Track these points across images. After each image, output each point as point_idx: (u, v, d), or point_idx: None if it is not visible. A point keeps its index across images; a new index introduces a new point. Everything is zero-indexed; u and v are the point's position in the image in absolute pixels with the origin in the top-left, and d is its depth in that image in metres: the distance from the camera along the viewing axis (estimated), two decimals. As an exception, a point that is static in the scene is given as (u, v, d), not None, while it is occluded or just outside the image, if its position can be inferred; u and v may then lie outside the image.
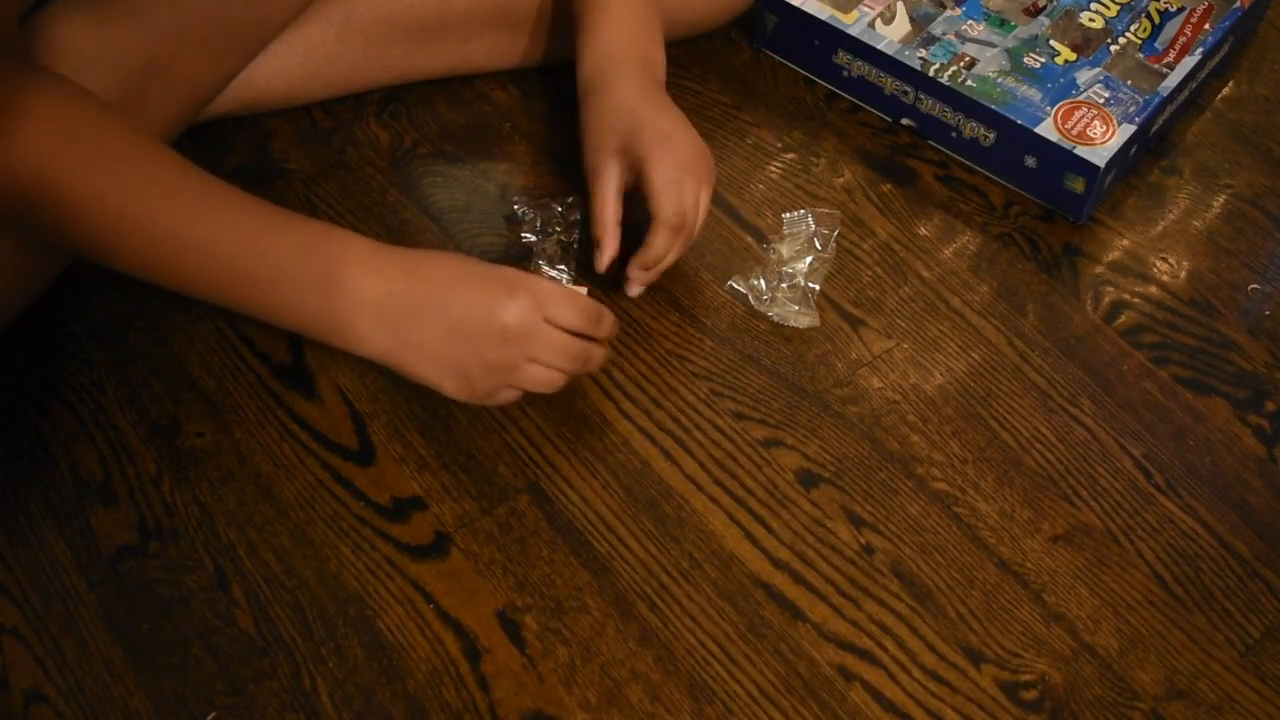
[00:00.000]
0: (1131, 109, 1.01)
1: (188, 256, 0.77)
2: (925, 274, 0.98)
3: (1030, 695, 0.77)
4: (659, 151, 0.88)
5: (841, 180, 1.04)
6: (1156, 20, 1.08)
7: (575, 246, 0.95)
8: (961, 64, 1.03)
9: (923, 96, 1.04)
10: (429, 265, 0.80)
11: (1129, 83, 1.03)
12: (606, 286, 0.95)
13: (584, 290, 0.94)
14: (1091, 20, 1.08)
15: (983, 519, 0.84)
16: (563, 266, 0.94)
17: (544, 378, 0.81)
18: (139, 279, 0.79)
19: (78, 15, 0.83)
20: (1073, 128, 0.99)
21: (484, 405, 0.86)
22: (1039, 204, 1.03)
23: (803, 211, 0.97)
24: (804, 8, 1.07)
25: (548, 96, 1.08)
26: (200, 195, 0.78)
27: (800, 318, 0.93)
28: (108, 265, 0.79)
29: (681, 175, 0.88)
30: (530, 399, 0.89)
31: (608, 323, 0.84)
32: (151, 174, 0.77)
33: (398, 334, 0.78)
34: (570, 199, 0.98)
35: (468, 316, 0.78)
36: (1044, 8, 1.09)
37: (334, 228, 0.80)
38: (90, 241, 0.77)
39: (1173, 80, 1.03)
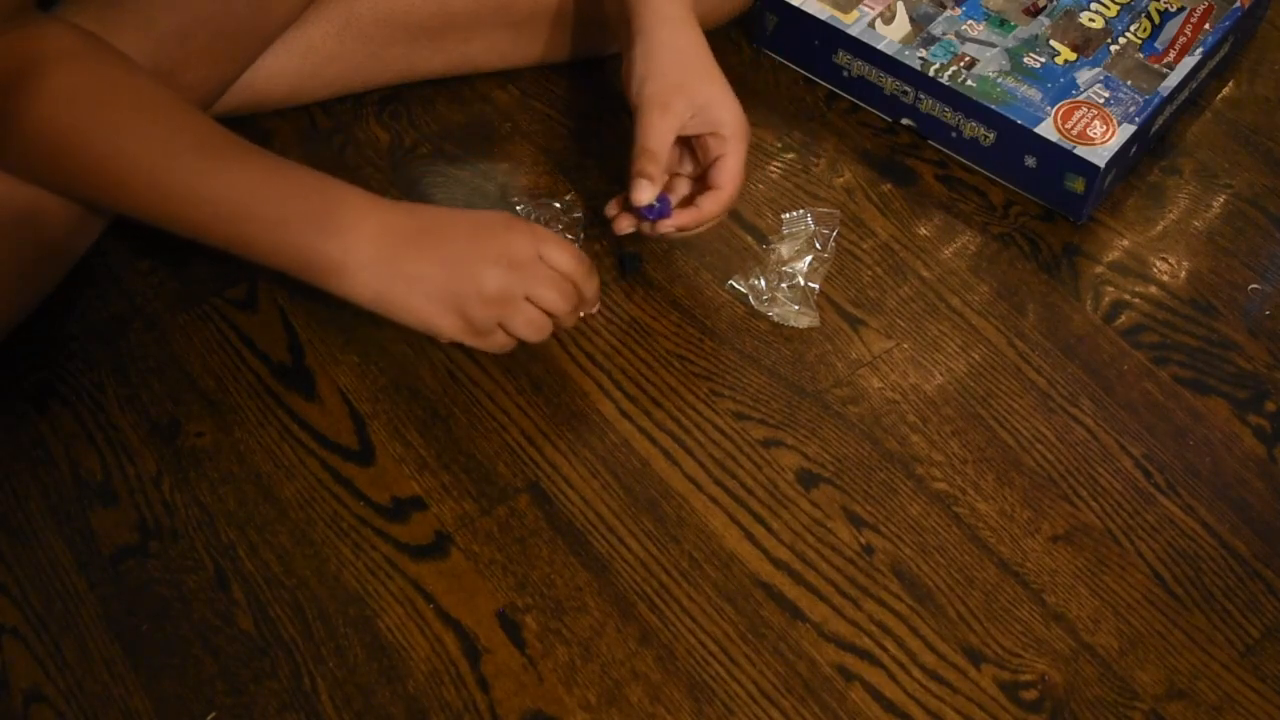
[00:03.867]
0: (1131, 109, 1.01)
1: (194, 202, 0.79)
2: (925, 274, 0.98)
3: (1030, 695, 0.77)
4: (739, 140, 0.89)
5: (841, 180, 1.04)
6: (1156, 20, 1.08)
7: (576, 245, 0.95)
8: (961, 64, 1.03)
9: (923, 96, 1.04)
10: (426, 208, 0.83)
11: (1129, 83, 1.03)
12: (605, 287, 0.95)
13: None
14: (1091, 20, 1.08)
15: (983, 519, 0.84)
16: (563, 266, 0.94)
17: (535, 319, 0.82)
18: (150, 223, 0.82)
19: (83, 21, 0.83)
20: (1073, 128, 0.99)
21: (475, 349, 0.85)
22: (1039, 204, 1.03)
23: (802, 211, 0.97)
24: (804, 8, 1.07)
25: (548, 96, 1.08)
26: (215, 143, 0.80)
27: (800, 318, 0.93)
28: (111, 210, 0.86)
29: (744, 167, 0.90)
30: (530, 399, 0.89)
31: (594, 283, 0.86)
32: (162, 122, 0.79)
33: (393, 265, 0.79)
34: (569, 196, 0.98)
35: (469, 244, 0.80)
36: (1044, 8, 1.09)
37: (336, 179, 0.82)
38: (100, 192, 0.80)
39: (1173, 80, 1.03)
